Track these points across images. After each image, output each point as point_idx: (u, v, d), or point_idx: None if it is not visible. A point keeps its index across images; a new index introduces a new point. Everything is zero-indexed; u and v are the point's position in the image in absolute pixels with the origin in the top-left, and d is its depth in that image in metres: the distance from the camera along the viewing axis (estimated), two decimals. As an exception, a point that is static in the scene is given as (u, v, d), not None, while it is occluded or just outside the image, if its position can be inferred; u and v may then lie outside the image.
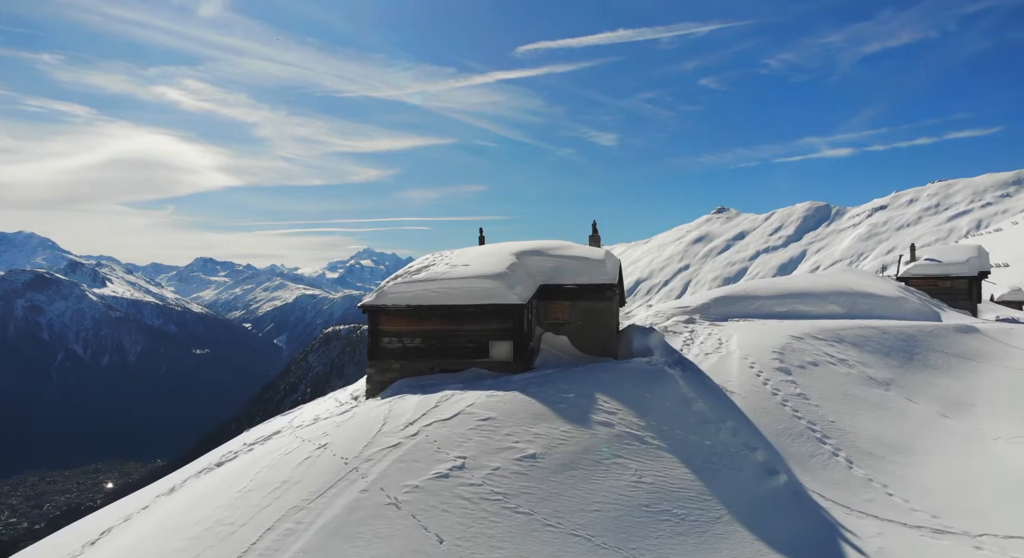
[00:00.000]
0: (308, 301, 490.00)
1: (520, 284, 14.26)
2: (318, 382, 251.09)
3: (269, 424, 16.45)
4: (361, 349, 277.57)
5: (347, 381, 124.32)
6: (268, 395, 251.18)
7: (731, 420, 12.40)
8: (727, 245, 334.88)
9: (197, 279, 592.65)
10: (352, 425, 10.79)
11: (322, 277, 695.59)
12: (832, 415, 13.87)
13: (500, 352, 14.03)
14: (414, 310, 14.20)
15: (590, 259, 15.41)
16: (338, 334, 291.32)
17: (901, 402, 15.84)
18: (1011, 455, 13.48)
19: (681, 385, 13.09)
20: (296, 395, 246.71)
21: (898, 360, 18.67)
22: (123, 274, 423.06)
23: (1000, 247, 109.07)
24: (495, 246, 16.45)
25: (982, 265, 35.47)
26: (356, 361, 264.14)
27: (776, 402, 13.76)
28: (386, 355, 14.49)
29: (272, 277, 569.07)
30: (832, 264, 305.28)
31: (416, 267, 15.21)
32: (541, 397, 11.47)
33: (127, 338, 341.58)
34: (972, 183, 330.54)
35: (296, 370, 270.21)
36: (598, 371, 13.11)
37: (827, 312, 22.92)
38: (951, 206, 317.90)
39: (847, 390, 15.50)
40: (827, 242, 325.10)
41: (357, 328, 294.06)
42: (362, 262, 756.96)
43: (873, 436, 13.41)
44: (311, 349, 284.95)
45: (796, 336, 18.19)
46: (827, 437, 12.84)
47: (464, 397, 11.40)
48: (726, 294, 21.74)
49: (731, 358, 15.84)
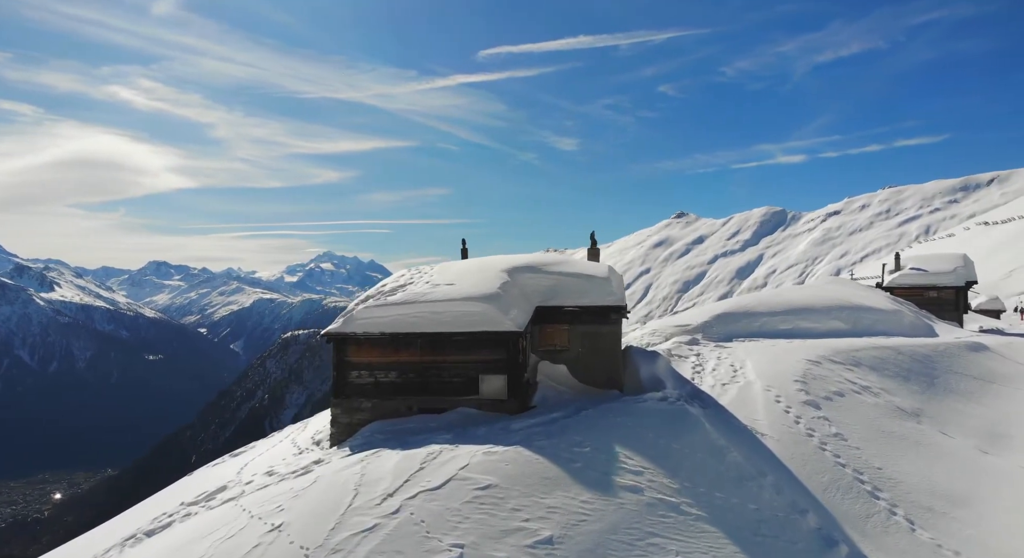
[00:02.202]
0: (266, 305, 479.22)
1: (515, 307, 12.10)
2: (276, 388, 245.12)
3: (215, 470, 14.00)
4: (322, 354, 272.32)
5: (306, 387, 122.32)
6: (224, 402, 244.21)
7: (771, 473, 10.43)
8: (687, 249, 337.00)
9: (150, 283, 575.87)
10: (315, 496, 8.49)
11: (280, 281, 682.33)
12: (875, 459, 12.03)
13: (492, 388, 11.84)
14: (389, 338, 11.93)
15: (593, 276, 13.30)
16: (297, 339, 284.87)
17: (936, 437, 14.13)
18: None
19: (708, 429, 11.08)
20: (253, 401, 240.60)
21: (920, 385, 17.05)
22: (72, 278, 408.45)
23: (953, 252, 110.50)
24: (482, 261, 14.25)
25: (968, 275, 34.44)
26: (316, 367, 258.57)
27: (814, 446, 11.87)
28: (355, 392, 12.18)
29: (228, 281, 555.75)
30: (788, 268, 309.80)
31: (391, 286, 12.93)
32: (551, 453, 9.32)
33: (76, 344, 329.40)
34: (921, 189, 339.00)
35: (254, 376, 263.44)
36: (611, 414, 11.01)
37: (830, 329, 21.28)
38: (902, 212, 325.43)
39: (881, 425, 13.72)
40: (783, 246, 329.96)
41: (316, 332, 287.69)
42: (322, 265, 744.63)
43: (924, 485, 11.61)
44: (269, 355, 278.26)
45: (813, 360, 16.41)
46: (879, 490, 10.97)
47: (455, 455, 9.18)
48: (727, 311, 19.91)
49: (752, 390, 13.94)
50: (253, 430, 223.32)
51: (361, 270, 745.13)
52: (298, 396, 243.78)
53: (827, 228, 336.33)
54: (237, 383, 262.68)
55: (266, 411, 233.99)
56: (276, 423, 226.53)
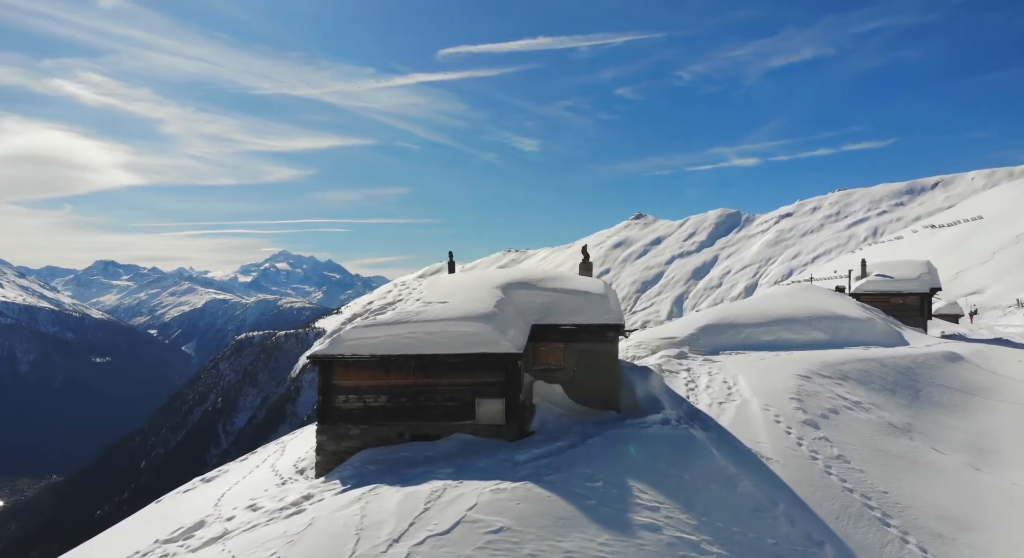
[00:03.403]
0: (219, 306, 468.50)
1: (512, 326, 11.53)
2: (230, 391, 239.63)
3: (187, 499, 13.10)
4: (277, 356, 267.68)
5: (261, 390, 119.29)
6: (175, 406, 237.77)
7: (782, 502, 10.07)
8: (645, 250, 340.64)
9: (97, 283, 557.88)
10: (312, 541, 7.78)
11: (234, 281, 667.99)
12: (880, 482, 11.80)
13: (489, 412, 11.25)
14: (380, 361, 11.25)
15: (590, 293, 12.81)
16: (251, 341, 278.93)
17: (931, 454, 14.02)
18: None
19: (716, 456, 10.68)
20: (206, 405, 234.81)
21: (905, 399, 17.01)
22: (14, 278, 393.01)
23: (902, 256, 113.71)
24: (473, 276, 13.63)
25: (932, 281, 35.05)
26: (271, 369, 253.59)
27: (819, 469, 11.58)
28: (342, 418, 11.46)
29: (180, 281, 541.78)
30: (743, 269, 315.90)
31: (378, 304, 12.23)
32: (562, 490, 8.77)
33: (19, 346, 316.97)
34: (870, 192, 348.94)
35: (206, 379, 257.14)
36: (618, 442, 10.52)
37: (811, 339, 21.22)
38: (851, 214, 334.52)
39: (878, 444, 13.54)
40: (738, 247, 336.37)
41: (272, 334, 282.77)
42: (277, 265, 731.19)
43: (930, 509, 11.40)
44: (222, 357, 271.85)
45: (803, 375, 16.22)
46: (888, 516, 10.71)
47: (461, 492, 8.57)
48: (711, 322, 19.66)
49: (750, 409, 13.62)
50: (206, 434, 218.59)
51: (318, 270, 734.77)
52: (253, 399, 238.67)
53: (780, 230, 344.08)
54: (189, 386, 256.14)
55: (219, 415, 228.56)
56: (230, 427, 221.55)
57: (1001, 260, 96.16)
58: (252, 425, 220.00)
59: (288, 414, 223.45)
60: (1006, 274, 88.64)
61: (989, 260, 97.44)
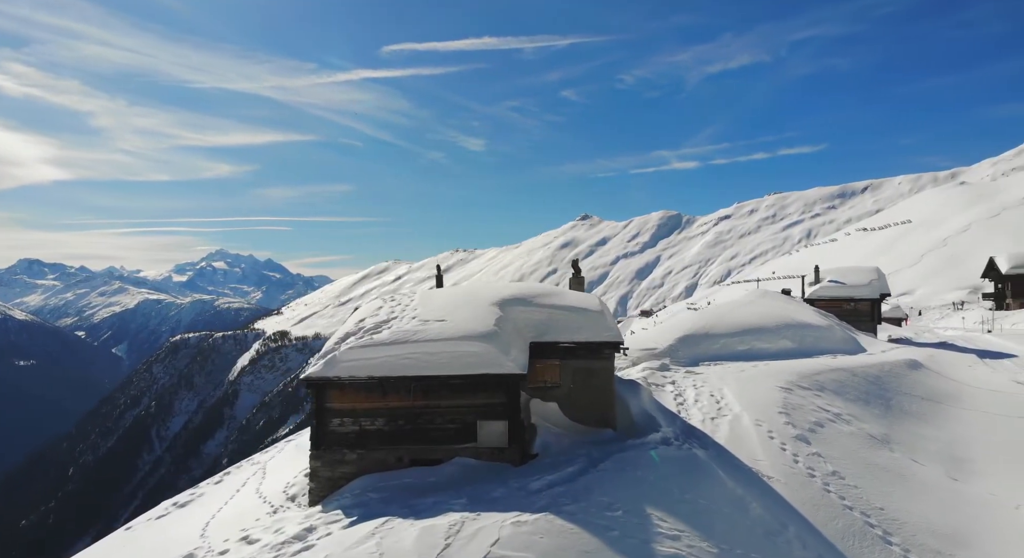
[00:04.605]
0: (152, 307, 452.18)
1: (513, 346, 11.22)
2: (164, 395, 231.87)
3: (163, 526, 12.33)
4: (214, 358, 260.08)
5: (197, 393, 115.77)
6: (106, 410, 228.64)
7: (792, 524, 10.05)
8: (591, 250, 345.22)
9: (21, 283, 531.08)
10: (331, 586, 7.33)
11: (168, 280, 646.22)
12: (875, 498, 11.92)
13: (491, 435, 10.91)
14: (378, 383, 10.78)
15: (587, 310, 12.60)
16: (187, 343, 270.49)
17: (912, 466, 14.30)
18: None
19: (723, 477, 10.60)
20: (139, 409, 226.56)
21: (879, 409, 17.38)
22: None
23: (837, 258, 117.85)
24: (466, 292, 13.24)
25: (882, 287, 36.23)
26: (208, 371, 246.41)
27: (818, 487, 11.63)
28: (337, 442, 10.95)
29: (110, 280, 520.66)
30: (684, 269, 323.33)
31: (371, 322, 11.74)
32: (583, 521, 8.50)
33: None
34: (804, 196, 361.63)
35: (139, 382, 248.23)
36: (629, 466, 10.32)
37: (781, 348, 21.58)
38: (786, 216, 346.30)
39: (865, 457, 13.73)
40: (679, 248, 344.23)
41: (209, 336, 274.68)
42: (214, 264, 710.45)
43: (923, 524, 11.57)
44: (156, 359, 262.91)
45: (784, 387, 16.40)
46: (889, 534, 10.81)
47: (481, 526, 8.21)
48: (689, 333, 19.78)
49: (742, 424, 13.65)
50: (138, 440, 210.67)
51: (257, 269, 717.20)
52: (189, 403, 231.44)
53: (719, 231, 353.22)
54: (120, 390, 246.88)
55: (153, 419, 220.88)
56: (164, 432, 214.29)
57: (929, 262, 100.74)
58: (188, 429, 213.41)
59: (226, 418, 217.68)
60: (933, 276, 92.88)
61: (918, 262, 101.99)
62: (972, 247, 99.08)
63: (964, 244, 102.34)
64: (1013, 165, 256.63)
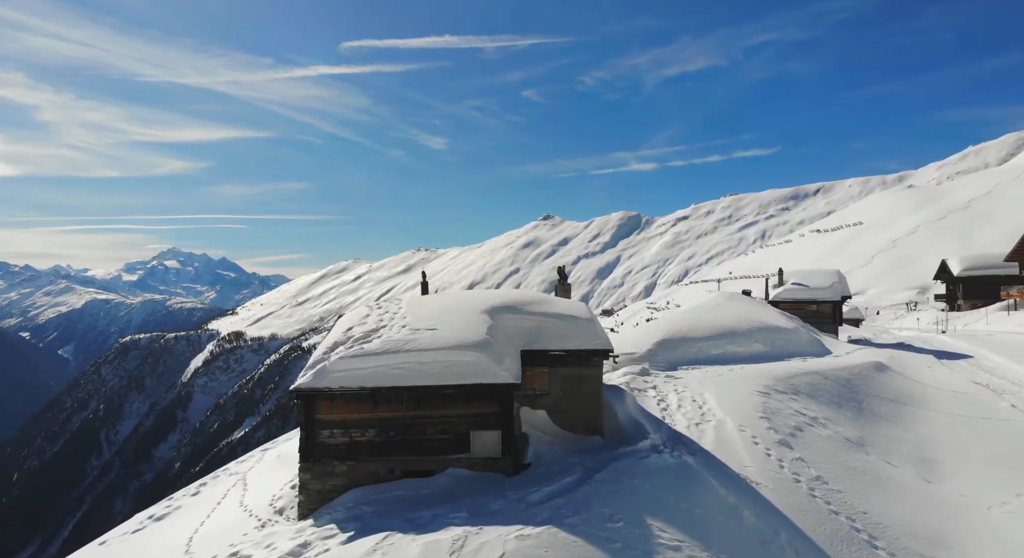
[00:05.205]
0: (101, 307, 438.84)
1: (507, 355, 11.15)
2: (114, 397, 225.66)
3: (140, 541, 11.93)
4: (166, 360, 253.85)
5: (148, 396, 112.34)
6: (51, 413, 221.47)
7: (783, 531, 10.19)
8: (553, 250, 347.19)
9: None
10: (338, 607, 7.16)
11: (118, 280, 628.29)
12: (858, 502, 12.18)
13: (485, 445, 10.82)
14: (370, 393, 10.60)
15: (577, 318, 12.59)
16: (138, 343, 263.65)
17: (886, 468, 14.65)
18: (1019, 531, 12.57)
19: (715, 485, 10.70)
20: (87, 412, 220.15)
21: (851, 411, 17.79)
22: None
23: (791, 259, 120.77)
24: (453, 299, 13.11)
25: (843, 290, 37.14)
26: (159, 373, 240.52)
27: (804, 492, 11.83)
28: (326, 454, 10.72)
29: (56, 279, 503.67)
30: (643, 269, 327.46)
31: (360, 331, 11.53)
32: (585, 533, 8.47)
33: None
34: (758, 197, 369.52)
35: (87, 384, 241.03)
36: (624, 475, 10.33)
37: (754, 352, 21.95)
38: (741, 218, 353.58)
39: (844, 461, 14.03)
40: (638, 248, 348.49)
41: (160, 336, 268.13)
42: (166, 263, 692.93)
43: (905, 527, 11.85)
44: (105, 361, 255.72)
45: (762, 391, 16.67)
46: (874, 538, 11.05)
47: (485, 540, 8.12)
48: (666, 337, 20.00)
49: (726, 430, 13.81)
50: (87, 444, 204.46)
51: (211, 268, 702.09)
52: (139, 406, 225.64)
53: (677, 232, 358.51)
54: (67, 392, 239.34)
55: (101, 422, 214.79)
56: (114, 435, 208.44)
57: (879, 263, 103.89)
58: (138, 433, 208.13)
59: (179, 421, 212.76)
60: (884, 276, 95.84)
61: (869, 263, 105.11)
62: (920, 248, 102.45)
63: (913, 246, 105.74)
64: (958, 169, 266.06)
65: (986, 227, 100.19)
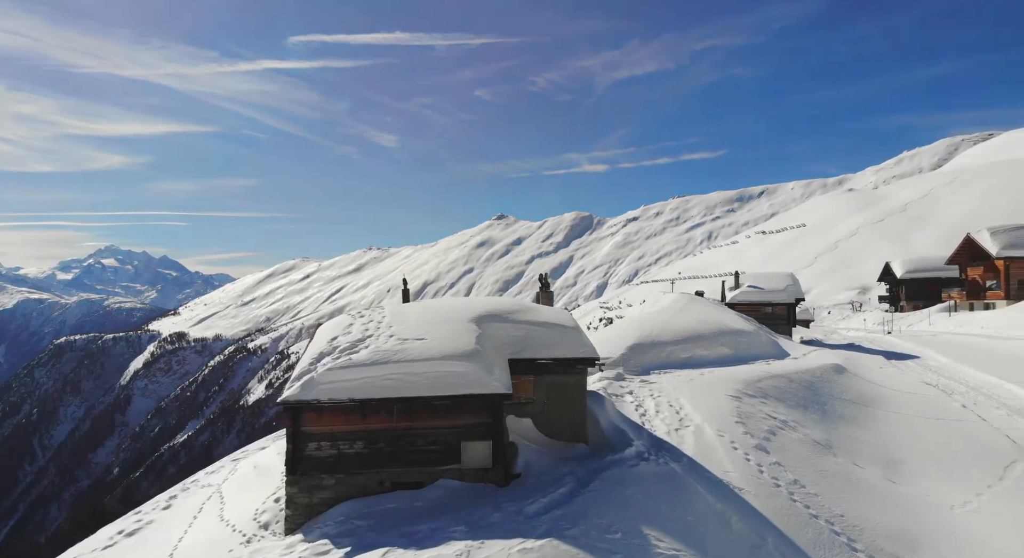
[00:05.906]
0: (33, 306, 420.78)
1: (496, 365, 11.09)
2: (47, 401, 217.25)
3: (119, 555, 11.48)
4: (104, 362, 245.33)
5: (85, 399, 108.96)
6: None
7: (769, 536, 10.41)
8: (507, 250, 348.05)
9: None
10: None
11: (52, 278, 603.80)
12: (835, 505, 12.50)
13: (476, 456, 10.75)
14: (359, 405, 10.41)
15: (564, 326, 12.62)
16: (73, 345, 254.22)
17: (855, 470, 15.09)
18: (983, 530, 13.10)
19: (703, 492, 10.85)
20: (19, 416, 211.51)
21: (816, 414, 18.27)
22: None
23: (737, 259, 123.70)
24: (439, 307, 12.98)
25: (797, 292, 38.19)
26: (96, 376, 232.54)
27: (785, 497, 12.09)
28: (314, 467, 10.50)
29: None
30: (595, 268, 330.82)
31: (345, 341, 11.33)
32: (586, 545, 8.48)
33: None
34: (705, 199, 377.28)
35: (19, 387, 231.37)
36: (617, 485, 10.39)
37: (720, 355, 22.37)
38: (689, 219, 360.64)
39: (816, 464, 14.38)
40: (590, 248, 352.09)
41: (98, 337, 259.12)
42: (104, 261, 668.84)
43: (880, 529, 12.20)
44: (38, 363, 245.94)
45: (734, 395, 16.99)
46: (853, 541, 11.35)
47: (487, 555, 8.04)
48: (637, 342, 20.25)
49: (704, 435, 14.03)
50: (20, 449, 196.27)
51: (152, 267, 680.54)
52: (75, 409, 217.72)
53: (627, 233, 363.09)
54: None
55: (35, 427, 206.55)
56: (48, 440, 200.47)
57: (822, 264, 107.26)
58: (74, 438, 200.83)
59: (118, 425, 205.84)
60: (826, 277, 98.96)
61: (812, 264, 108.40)
62: (861, 250, 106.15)
63: (853, 247, 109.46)
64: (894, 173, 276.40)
65: (923, 229, 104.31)
